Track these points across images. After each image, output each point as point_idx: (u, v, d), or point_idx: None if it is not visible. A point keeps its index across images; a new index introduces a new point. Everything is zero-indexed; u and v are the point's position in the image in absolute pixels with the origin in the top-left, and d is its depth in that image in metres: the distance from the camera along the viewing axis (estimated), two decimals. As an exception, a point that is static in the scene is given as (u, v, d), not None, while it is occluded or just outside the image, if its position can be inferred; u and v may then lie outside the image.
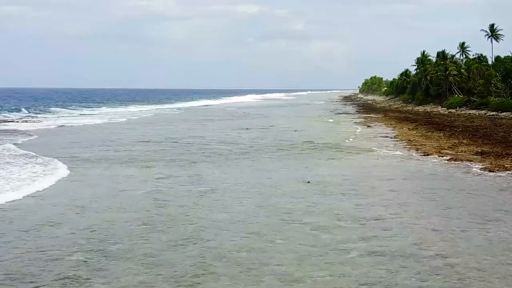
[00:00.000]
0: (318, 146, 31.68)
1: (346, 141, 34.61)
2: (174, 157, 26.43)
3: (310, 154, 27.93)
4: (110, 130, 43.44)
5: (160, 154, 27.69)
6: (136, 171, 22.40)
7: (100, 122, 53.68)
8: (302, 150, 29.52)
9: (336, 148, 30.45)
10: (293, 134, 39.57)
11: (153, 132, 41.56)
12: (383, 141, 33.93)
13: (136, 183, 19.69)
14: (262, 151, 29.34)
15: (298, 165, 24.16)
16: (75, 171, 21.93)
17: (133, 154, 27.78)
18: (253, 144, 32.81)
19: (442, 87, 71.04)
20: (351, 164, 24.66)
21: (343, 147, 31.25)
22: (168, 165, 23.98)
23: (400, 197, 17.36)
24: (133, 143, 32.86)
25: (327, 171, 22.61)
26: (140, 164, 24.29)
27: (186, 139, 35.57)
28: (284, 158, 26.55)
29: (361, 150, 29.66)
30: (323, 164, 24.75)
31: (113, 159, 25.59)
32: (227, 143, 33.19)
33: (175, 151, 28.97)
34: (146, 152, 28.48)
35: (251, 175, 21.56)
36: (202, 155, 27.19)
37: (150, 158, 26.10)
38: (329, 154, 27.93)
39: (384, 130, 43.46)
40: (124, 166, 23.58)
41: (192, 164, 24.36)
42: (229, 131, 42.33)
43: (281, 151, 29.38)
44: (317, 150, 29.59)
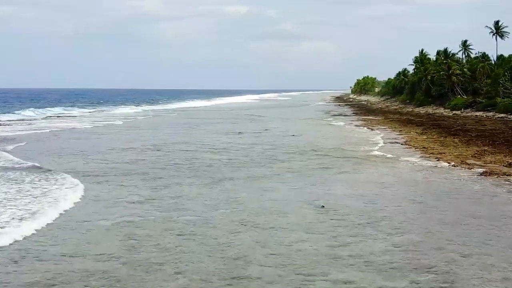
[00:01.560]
0: (322, 154, 27.54)
1: (352, 148, 30.48)
2: (154, 171, 22.16)
3: (316, 166, 23.76)
4: (88, 135, 39.06)
5: (139, 166, 23.40)
6: (104, 190, 18.11)
7: (88, 126, 49.26)
8: (305, 161, 25.36)
9: (343, 158, 26.31)
10: (291, 140, 35.41)
11: (137, 137, 37.27)
12: (394, 149, 29.84)
13: (102, 209, 15.42)
14: (257, 162, 25.16)
15: (303, 181, 19.99)
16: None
17: (106, 166, 23.48)
18: (248, 152, 28.60)
19: (444, 87, 67.18)
20: (368, 179, 20.51)
21: (351, 155, 27.12)
22: (146, 183, 19.66)
23: (451, 233, 13.20)
24: (110, 151, 28.56)
25: (340, 189, 18.45)
26: (112, 180, 20.00)
27: (172, 146, 31.30)
28: (285, 171, 22.36)
29: (373, 159, 25.56)
30: (333, 179, 20.58)
31: (80, 173, 21.25)
32: (218, 151, 28.95)
33: (157, 162, 24.70)
34: (122, 164, 24.19)
35: (247, 197, 17.32)
36: (188, 169, 22.91)
37: (125, 172, 21.81)
38: (337, 166, 23.78)
39: (390, 134, 39.44)
40: (90, 182, 19.26)
41: (175, 182, 20.09)
42: (219, 136, 38.10)
43: (280, 161, 25.22)
44: (323, 160, 25.43)
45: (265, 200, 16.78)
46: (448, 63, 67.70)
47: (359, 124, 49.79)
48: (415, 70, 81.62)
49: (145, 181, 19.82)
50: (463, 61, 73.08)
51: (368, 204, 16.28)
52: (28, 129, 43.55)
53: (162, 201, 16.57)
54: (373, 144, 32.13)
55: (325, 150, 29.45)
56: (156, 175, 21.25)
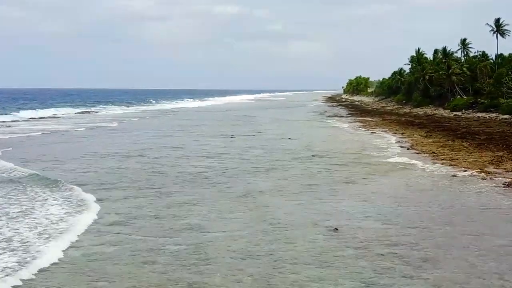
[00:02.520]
0: (325, 161, 24.97)
1: (356, 153, 27.95)
2: (136, 184, 19.47)
3: (320, 175, 21.16)
4: (70, 139, 36.25)
5: (117, 178, 20.66)
6: (70, 210, 15.40)
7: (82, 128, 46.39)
8: (307, 169, 22.76)
9: (349, 165, 23.76)
10: (288, 144, 32.82)
11: (128, 140, 34.54)
12: (401, 154, 27.33)
13: (70, 239, 12.75)
14: (253, 170, 22.55)
15: (308, 194, 17.41)
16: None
17: (82, 177, 20.77)
18: (242, 159, 25.99)
19: (443, 88, 64.79)
20: (382, 191, 17.94)
21: (357, 162, 24.58)
22: (124, 199, 16.95)
23: (497, 267, 10.67)
24: (90, 156, 25.85)
25: (353, 205, 15.89)
26: (85, 194, 17.31)
27: (159, 152, 28.62)
28: (285, 182, 19.76)
29: (382, 167, 23.02)
30: (342, 191, 18.01)
31: (49, 182, 18.54)
32: (209, 157, 26.30)
33: (140, 172, 22.02)
34: (98, 174, 21.48)
35: (244, 218, 14.69)
36: (175, 180, 20.21)
37: (101, 186, 19.09)
38: (344, 174, 21.21)
39: (393, 137, 36.94)
40: (58, 200, 16.54)
41: (160, 196, 17.44)
42: (211, 139, 35.44)
43: (278, 169, 22.63)
44: (325, 168, 22.85)
45: (266, 221, 14.16)
46: (448, 62, 65.32)
47: (357, 126, 47.30)
48: (412, 69, 79.22)
49: (121, 198, 17.15)
50: (461, 60, 70.72)
51: (389, 225, 13.72)
52: (17, 132, 40.69)
53: (143, 222, 13.94)
54: (378, 149, 29.59)
55: (327, 155, 26.89)
56: (138, 188, 18.57)
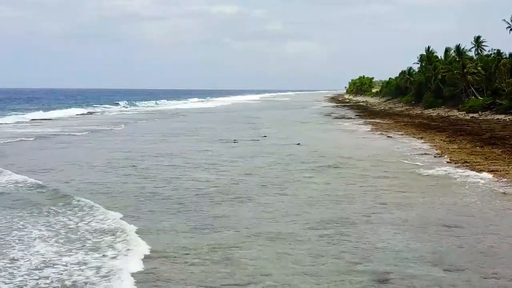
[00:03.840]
0: (344, 173, 21.33)
1: (378, 161, 24.36)
2: (120, 203, 15.85)
3: (343, 193, 17.48)
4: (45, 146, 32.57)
5: (94, 198, 17.03)
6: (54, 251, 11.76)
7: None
8: (328, 183, 19.10)
9: (376, 177, 20.14)
10: (298, 150, 29.21)
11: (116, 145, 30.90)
12: (431, 163, 23.70)
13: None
14: (262, 185, 18.94)
15: (340, 224, 13.79)
16: None
17: (68, 188, 17.13)
18: (247, 169, 22.35)
19: (457, 88, 61.15)
20: (428, 217, 14.30)
21: (382, 174, 20.94)
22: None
23: None
24: (70, 165, 22.21)
25: (397, 239, 12.28)
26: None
27: (153, 161, 24.99)
28: (306, 202, 16.14)
29: (418, 181, 19.38)
30: (375, 214, 14.40)
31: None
32: (210, 169, 22.61)
33: (126, 188, 18.40)
34: (84, 186, 17.85)
35: (261, 253, 11.10)
36: (167, 201, 16.51)
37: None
38: (373, 189, 17.59)
39: (413, 142, 33.39)
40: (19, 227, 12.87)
41: (149, 225, 13.82)
42: (212, 145, 31.80)
43: (293, 184, 19.04)
44: (348, 182, 19.20)
45: (288, 263, 10.56)
46: (462, 61, 61.67)
47: (369, 129, 43.66)
48: (422, 69, 75.53)
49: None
50: (474, 58, 67.01)
51: (453, 273, 10.12)
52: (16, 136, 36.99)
53: (122, 270, 10.31)
54: (403, 157, 25.92)
55: (346, 165, 23.27)
56: (123, 209, 14.94)
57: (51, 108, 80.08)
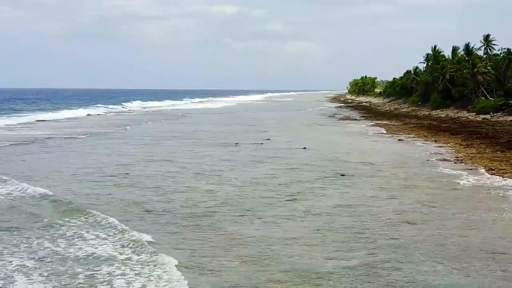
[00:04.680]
0: (360, 183, 19.10)
1: (395, 168, 22.17)
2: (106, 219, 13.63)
3: (364, 209, 15.26)
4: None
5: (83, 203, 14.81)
6: None
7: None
8: (342, 197, 16.87)
9: (394, 188, 17.93)
10: (305, 156, 27.02)
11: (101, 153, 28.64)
12: (455, 170, 21.47)
13: None
14: (268, 198, 16.73)
15: (357, 246, 11.60)
16: None
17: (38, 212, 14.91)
18: (251, 178, 20.14)
19: (467, 88, 58.86)
20: (476, 247, 12.11)
21: (405, 183, 18.74)
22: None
23: None
24: (58, 174, 19.98)
25: (442, 272, 10.08)
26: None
27: (147, 166, 22.77)
28: (321, 221, 13.94)
29: (448, 193, 17.16)
30: (409, 235, 12.19)
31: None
32: (210, 178, 20.38)
33: (111, 202, 16.16)
34: (71, 196, 15.61)
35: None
36: (158, 219, 14.30)
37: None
38: (400, 205, 15.38)
39: (427, 146, 31.22)
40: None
41: (139, 252, 11.60)
42: (212, 149, 29.59)
43: (301, 195, 16.85)
44: (366, 195, 16.99)
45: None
46: (473, 60, 59.38)
47: (378, 132, 41.44)
48: (428, 68, 73.20)
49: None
50: (483, 58, 64.71)
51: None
52: None
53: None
54: (421, 164, 23.71)
55: (360, 174, 21.04)
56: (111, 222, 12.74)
57: (58, 108, 78.03)
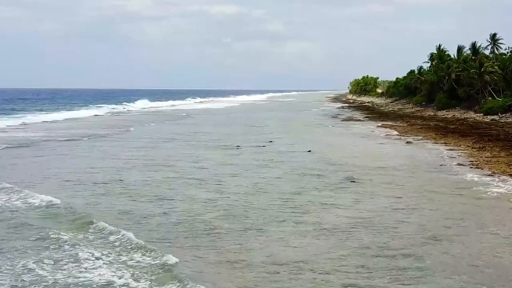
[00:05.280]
0: (372, 190, 17.61)
1: (408, 172, 20.69)
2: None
3: (378, 221, 13.77)
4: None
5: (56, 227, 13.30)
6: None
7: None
8: (352, 207, 15.39)
9: (411, 194, 16.45)
10: (310, 159, 25.56)
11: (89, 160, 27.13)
12: (475, 176, 19.96)
13: None
14: (272, 208, 15.24)
15: (378, 265, 10.11)
16: None
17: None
18: (256, 183, 18.66)
19: (474, 88, 57.33)
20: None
21: (424, 192, 17.26)
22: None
23: None
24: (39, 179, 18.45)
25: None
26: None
27: (147, 172, 21.28)
28: (330, 239, 12.46)
29: (477, 202, 15.67)
30: (436, 256, 10.71)
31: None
32: (209, 185, 18.89)
33: (106, 213, 14.65)
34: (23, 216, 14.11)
35: None
36: (153, 234, 12.76)
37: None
38: (420, 216, 13.91)
39: (438, 148, 29.73)
40: None
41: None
42: (212, 153, 28.11)
43: (310, 205, 15.36)
44: (379, 208, 15.51)
45: None
46: (480, 60, 57.86)
47: (384, 133, 39.95)
48: (433, 68, 71.65)
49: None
50: (490, 57, 63.18)
51: None
52: None
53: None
54: (434, 167, 22.24)
55: (370, 178, 19.56)
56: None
57: (58, 109, 76.64)
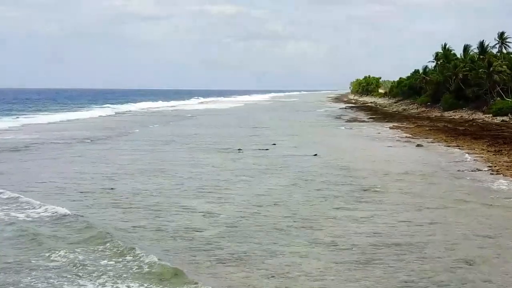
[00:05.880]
0: (390, 201, 15.94)
1: (426, 180, 19.02)
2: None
3: (401, 239, 12.10)
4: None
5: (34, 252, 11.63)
6: None
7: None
8: (371, 225, 13.70)
9: (432, 205, 14.80)
10: (316, 164, 23.91)
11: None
12: (501, 186, 18.26)
13: None
14: (283, 223, 13.58)
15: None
16: None
17: None
18: (260, 193, 17.00)
19: (482, 88, 55.66)
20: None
21: (443, 200, 15.60)
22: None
23: None
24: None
25: None
26: None
27: (137, 178, 19.61)
28: (348, 263, 10.80)
29: None
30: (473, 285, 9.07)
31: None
32: (209, 194, 17.22)
33: (87, 228, 12.99)
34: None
35: None
36: (144, 258, 11.11)
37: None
38: (447, 234, 12.26)
39: (453, 152, 28.10)
40: None
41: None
42: (213, 156, 26.47)
43: (321, 220, 13.71)
44: (401, 215, 13.85)
45: None
46: (489, 59, 56.17)
47: (392, 136, 38.27)
48: (438, 67, 69.95)
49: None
50: (498, 56, 61.54)
51: None
52: None
53: None
54: (451, 173, 20.60)
55: (384, 186, 17.92)
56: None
57: (59, 110, 75.07)
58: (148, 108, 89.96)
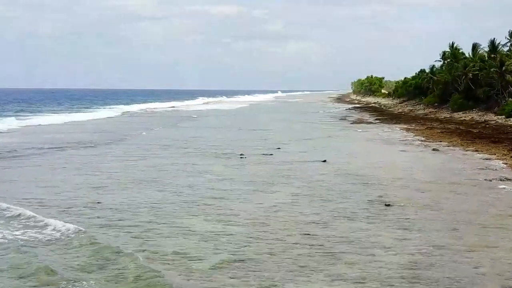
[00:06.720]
0: (416, 218, 13.74)
1: (452, 191, 16.83)
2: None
3: (439, 273, 9.90)
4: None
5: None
6: None
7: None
8: (399, 248, 11.49)
9: (465, 219, 12.61)
10: (326, 171, 21.75)
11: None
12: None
13: None
14: (295, 247, 11.41)
15: None
16: None
17: None
18: (265, 208, 14.80)
19: (493, 88, 53.41)
20: None
21: (476, 216, 13.41)
22: None
23: None
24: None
25: None
26: None
27: (130, 189, 17.40)
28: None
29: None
30: None
31: None
32: (208, 209, 15.02)
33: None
34: None
35: None
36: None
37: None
38: (493, 261, 10.08)
39: (473, 158, 25.93)
40: None
41: None
42: (213, 162, 24.28)
43: (340, 243, 11.53)
44: (434, 236, 11.65)
45: None
46: (501, 58, 53.94)
47: (404, 139, 36.04)
48: (446, 67, 67.70)
49: None
50: (509, 55, 59.23)
51: None
52: None
53: None
54: (478, 182, 18.38)
55: (406, 198, 15.72)
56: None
57: (61, 110, 73.26)
58: (154, 108, 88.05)
